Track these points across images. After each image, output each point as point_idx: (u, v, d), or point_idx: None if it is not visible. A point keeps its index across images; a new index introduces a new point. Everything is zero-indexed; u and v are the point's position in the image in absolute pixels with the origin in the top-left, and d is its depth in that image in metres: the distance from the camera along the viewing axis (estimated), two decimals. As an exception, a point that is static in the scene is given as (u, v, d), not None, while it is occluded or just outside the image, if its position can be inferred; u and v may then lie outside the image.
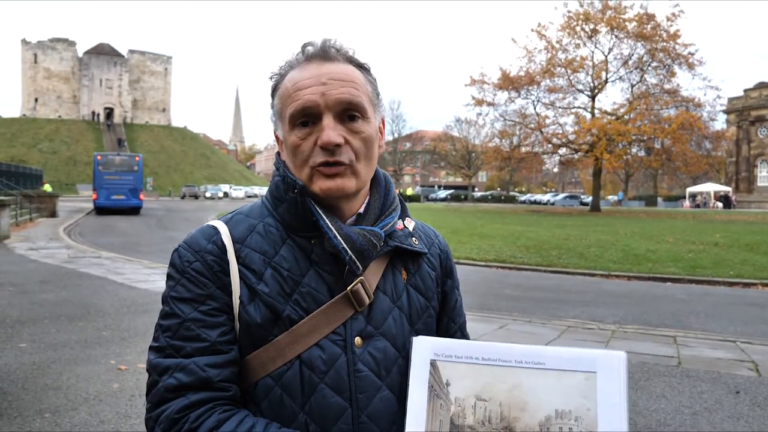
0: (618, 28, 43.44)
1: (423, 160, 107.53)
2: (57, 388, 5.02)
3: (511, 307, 9.11)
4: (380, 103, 1.24)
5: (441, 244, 1.38)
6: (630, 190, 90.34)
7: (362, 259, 1.15)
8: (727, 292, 11.07)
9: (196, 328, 1.10)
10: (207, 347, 1.09)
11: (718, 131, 47.27)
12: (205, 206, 46.60)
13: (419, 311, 1.25)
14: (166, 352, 1.10)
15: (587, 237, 20.71)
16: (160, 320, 1.14)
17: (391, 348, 1.17)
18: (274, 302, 1.12)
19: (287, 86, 1.16)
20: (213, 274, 1.13)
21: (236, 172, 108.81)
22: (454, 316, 1.36)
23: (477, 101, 46.57)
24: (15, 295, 9.12)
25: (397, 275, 1.24)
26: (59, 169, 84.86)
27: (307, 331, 1.12)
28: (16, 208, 23.50)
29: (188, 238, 1.19)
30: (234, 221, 1.21)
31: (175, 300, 1.13)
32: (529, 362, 1.02)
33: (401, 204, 1.31)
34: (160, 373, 1.09)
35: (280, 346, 1.12)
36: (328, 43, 1.17)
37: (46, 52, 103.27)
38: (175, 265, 1.16)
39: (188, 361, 1.08)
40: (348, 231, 1.14)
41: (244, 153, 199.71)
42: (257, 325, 1.12)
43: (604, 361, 0.99)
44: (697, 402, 4.99)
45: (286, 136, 1.17)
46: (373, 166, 1.21)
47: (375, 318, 1.17)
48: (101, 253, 15.08)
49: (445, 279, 1.35)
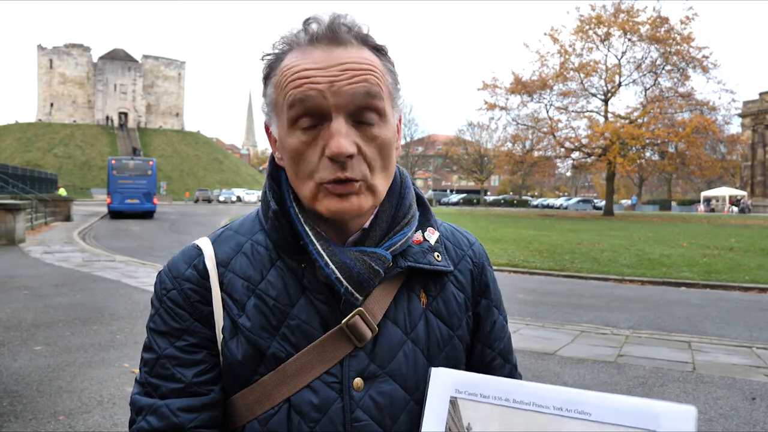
0: (631, 31, 43.32)
1: (435, 164, 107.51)
2: (71, 391, 5.06)
3: (524, 312, 9.07)
4: (399, 95, 1.01)
5: (475, 256, 1.14)
6: (644, 194, 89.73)
7: (360, 289, 0.96)
8: (742, 297, 10.95)
9: (171, 367, 0.98)
10: (182, 389, 0.97)
11: (733, 135, 46.91)
12: (219, 210, 46.85)
13: (440, 343, 1.04)
14: (145, 389, 0.99)
15: (600, 241, 20.59)
16: (143, 351, 1.03)
17: (399, 391, 0.98)
18: (257, 338, 0.96)
19: (285, 72, 0.94)
20: (191, 304, 0.99)
21: (249, 176, 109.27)
22: (492, 341, 1.12)
23: (489, 105, 46.58)
24: (30, 298, 9.20)
25: (414, 300, 1.03)
26: (74, 173, 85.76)
27: (296, 371, 0.96)
28: (31, 212, 23.72)
29: (170, 261, 1.05)
30: (221, 239, 1.06)
31: (153, 332, 1.01)
32: (571, 411, 0.84)
33: (422, 209, 1.09)
34: (137, 412, 0.98)
35: (266, 388, 0.96)
36: (337, 20, 0.94)
37: (62, 57, 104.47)
38: (155, 291, 1.04)
39: (161, 404, 0.96)
40: (343, 257, 0.95)
41: (257, 157, 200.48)
42: (239, 363, 0.97)
43: (668, 417, 0.79)
44: (713, 408, 4.94)
45: (284, 137, 0.95)
46: (391, 175, 1.00)
47: (380, 354, 0.98)
48: (115, 257, 15.17)
49: (477, 299, 1.12)
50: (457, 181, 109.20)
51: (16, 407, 4.65)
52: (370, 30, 0.97)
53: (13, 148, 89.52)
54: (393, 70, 1.00)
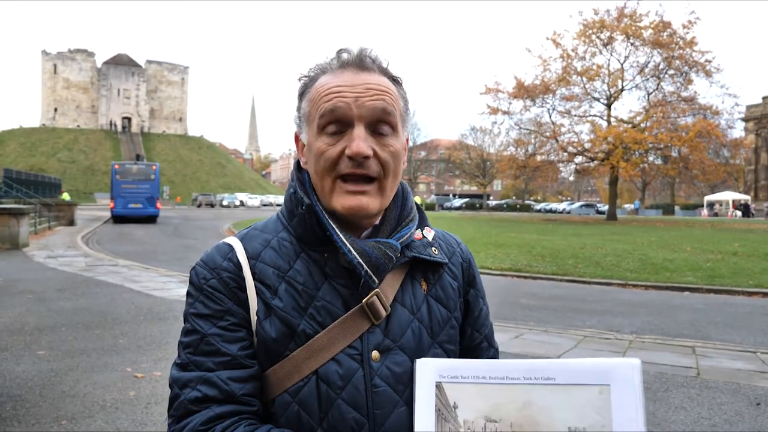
0: (634, 35, 43.29)
1: (438, 168, 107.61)
2: (74, 395, 5.06)
3: (527, 317, 9.06)
4: (409, 119, 1.22)
5: (463, 253, 1.34)
6: (647, 199, 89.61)
7: (378, 273, 1.13)
8: (746, 301, 10.91)
9: (216, 343, 1.09)
10: (228, 361, 1.09)
11: (736, 139, 46.75)
12: (222, 215, 46.87)
13: (441, 323, 1.22)
14: (188, 368, 1.10)
15: (603, 246, 20.55)
16: (182, 337, 1.14)
17: (409, 362, 1.13)
18: (289, 317, 1.11)
19: (319, 89, 1.13)
20: (229, 290, 1.13)
21: (252, 180, 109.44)
22: (479, 326, 1.33)
23: (492, 110, 46.57)
24: (33, 302, 9.22)
25: (417, 286, 1.21)
26: (77, 178, 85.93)
27: (322, 345, 1.10)
28: (35, 217, 23.78)
29: (205, 256, 1.19)
30: (248, 237, 1.21)
31: (195, 316, 1.13)
32: (538, 378, 0.97)
33: (420, 213, 1.28)
34: (182, 386, 1.08)
35: (296, 362, 1.10)
36: (364, 52, 1.15)
37: (66, 62, 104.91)
38: (193, 283, 1.16)
39: (211, 374, 1.08)
40: (362, 245, 1.12)
41: (260, 162, 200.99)
42: (273, 340, 1.11)
43: (617, 371, 0.93)
44: (717, 414, 4.92)
45: (312, 141, 1.14)
46: (397, 182, 1.19)
47: (393, 331, 1.15)
48: (118, 261, 15.19)
49: (467, 288, 1.32)
50: (459, 186, 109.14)
51: (18, 411, 4.65)
52: (389, 64, 1.18)
53: (17, 153, 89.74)
54: (405, 97, 1.21)
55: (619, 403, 0.92)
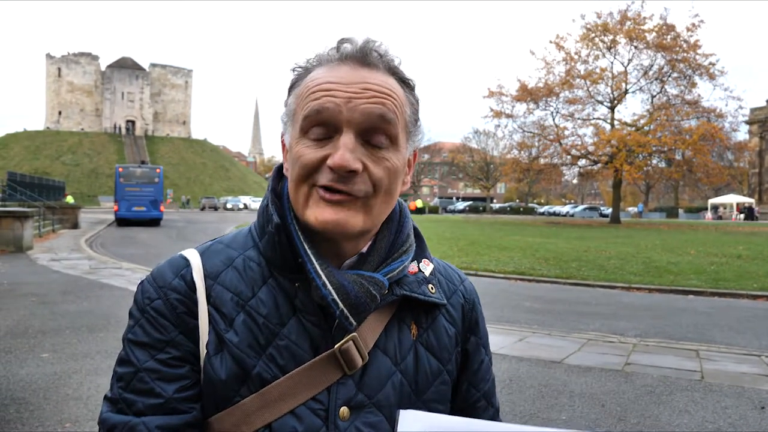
0: (637, 38, 43.24)
1: (441, 171, 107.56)
2: (78, 398, 5.06)
3: (531, 320, 9.04)
4: (417, 131, 1.01)
5: (466, 292, 1.12)
6: (651, 202, 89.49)
7: (356, 314, 0.93)
8: (750, 305, 10.88)
9: (151, 381, 0.92)
10: (161, 405, 0.91)
11: (740, 142, 46.68)
12: (226, 217, 46.94)
13: (429, 377, 1.01)
14: (117, 405, 0.93)
15: (607, 249, 20.51)
16: (116, 366, 0.97)
17: (384, 423, 0.94)
18: (244, 356, 0.92)
19: (308, 84, 0.94)
20: (176, 315, 0.95)
21: (255, 183, 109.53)
22: (477, 381, 1.11)
23: (495, 113, 46.53)
24: (37, 305, 9.23)
25: (404, 331, 1.01)
26: (81, 181, 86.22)
27: (280, 394, 0.91)
28: (39, 220, 23.82)
29: (156, 269, 1.00)
30: (210, 251, 1.02)
31: (131, 343, 0.96)
32: None
33: (418, 241, 1.08)
34: (108, 430, 0.92)
35: (246, 411, 0.91)
36: (370, 45, 0.95)
37: (70, 66, 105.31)
38: (136, 301, 0.98)
39: (138, 421, 0.90)
40: (341, 278, 0.92)
41: (263, 165, 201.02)
42: (221, 382, 0.92)
43: None
44: (721, 417, 4.90)
45: (293, 144, 0.95)
46: (391, 204, 0.98)
47: (368, 384, 0.95)
48: (122, 264, 15.21)
49: (467, 336, 1.10)
50: (463, 189, 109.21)
51: (22, 414, 4.66)
52: (401, 63, 0.98)
53: (22, 156, 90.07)
54: (415, 104, 1.00)
55: None
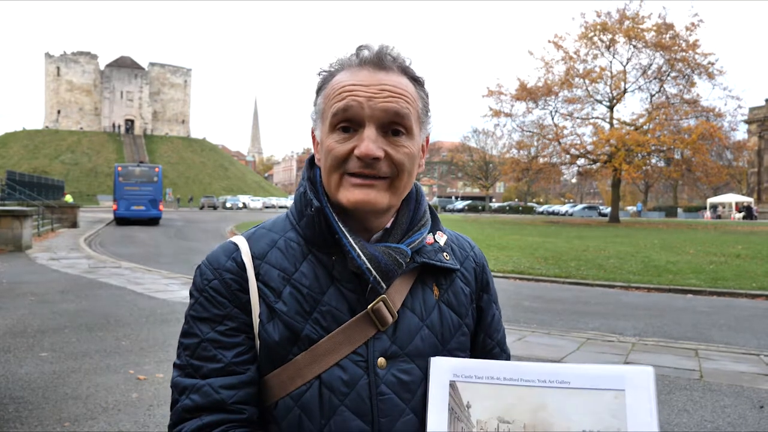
0: (636, 38, 43.26)
1: (440, 170, 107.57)
2: (76, 397, 5.06)
3: (530, 319, 9.04)
4: (428, 120, 1.19)
5: (477, 257, 1.33)
6: (650, 201, 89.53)
7: (386, 278, 1.10)
8: (749, 304, 10.89)
9: (213, 349, 1.09)
10: (222, 368, 1.08)
11: (739, 141, 46.75)
12: (225, 216, 46.92)
13: (452, 329, 1.19)
14: (186, 371, 1.10)
15: (606, 248, 20.53)
16: (181, 338, 1.14)
17: (417, 369, 1.12)
18: (293, 321, 1.09)
19: (334, 86, 1.12)
20: (231, 292, 1.11)
21: (254, 183, 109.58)
22: (492, 332, 1.30)
23: (494, 112, 46.56)
24: (36, 304, 9.23)
25: (428, 292, 1.19)
26: (80, 180, 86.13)
27: (326, 350, 1.08)
28: (38, 219, 23.81)
29: (210, 255, 1.18)
30: (255, 236, 1.19)
31: (194, 319, 1.12)
32: (553, 381, 0.98)
33: (432, 216, 1.26)
34: (180, 392, 1.09)
35: (299, 366, 1.09)
36: (384, 50, 1.12)
37: (69, 65, 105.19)
38: (195, 283, 1.16)
39: (203, 383, 1.08)
40: (372, 250, 1.10)
41: (262, 164, 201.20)
42: (276, 344, 1.09)
43: (632, 377, 0.95)
44: (720, 417, 4.91)
45: (324, 138, 1.13)
46: (410, 184, 1.17)
47: (400, 337, 1.12)
48: (121, 263, 15.21)
49: (480, 294, 1.30)
50: (462, 188, 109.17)
51: (21, 413, 4.66)
52: (411, 63, 1.16)
53: (21, 155, 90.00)
54: (425, 98, 1.18)
55: (634, 407, 0.94)
